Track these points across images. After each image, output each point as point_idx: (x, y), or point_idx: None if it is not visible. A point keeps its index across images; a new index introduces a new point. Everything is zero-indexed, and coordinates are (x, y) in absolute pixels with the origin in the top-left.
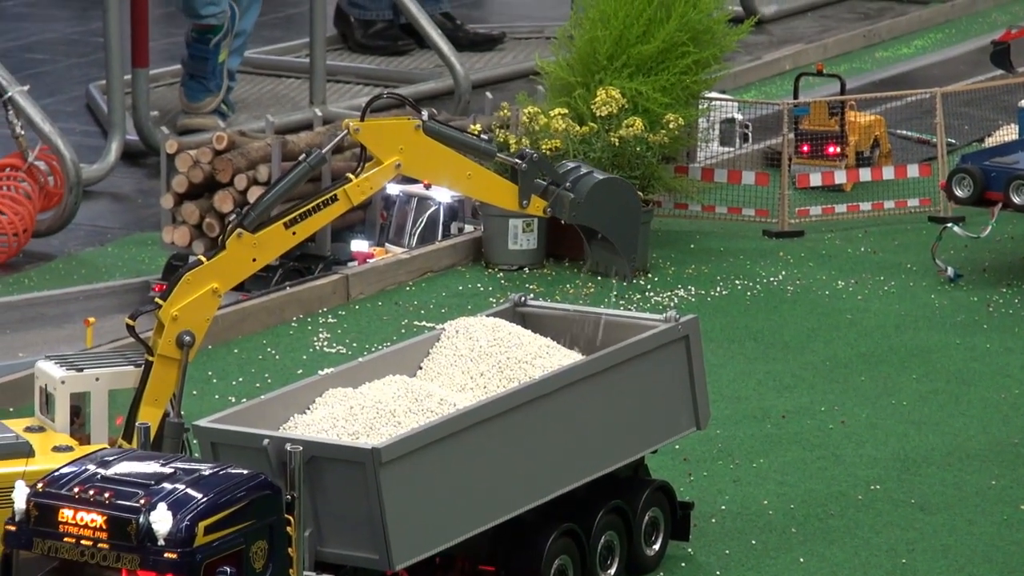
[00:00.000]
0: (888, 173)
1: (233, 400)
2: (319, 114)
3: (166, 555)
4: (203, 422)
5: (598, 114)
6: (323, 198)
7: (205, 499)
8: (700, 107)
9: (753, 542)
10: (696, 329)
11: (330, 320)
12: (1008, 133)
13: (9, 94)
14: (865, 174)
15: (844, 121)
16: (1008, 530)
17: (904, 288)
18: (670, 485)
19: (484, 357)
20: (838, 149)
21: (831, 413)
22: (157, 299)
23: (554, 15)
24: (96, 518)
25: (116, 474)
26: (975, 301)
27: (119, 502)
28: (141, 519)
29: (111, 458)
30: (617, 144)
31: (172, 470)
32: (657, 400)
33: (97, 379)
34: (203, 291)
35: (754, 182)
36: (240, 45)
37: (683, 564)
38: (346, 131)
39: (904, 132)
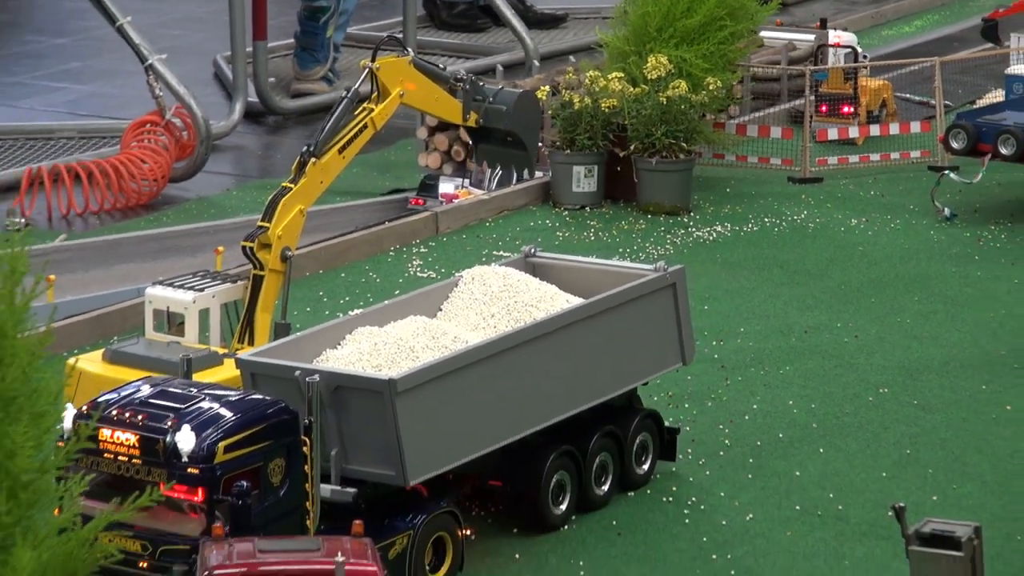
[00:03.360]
0: (894, 129)
1: (340, 315)
2: (537, 64)
3: (189, 470)
4: (244, 355)
5: (649, 77)
6: (358, 127)
7: (226, 422)
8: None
9: (780, 435)
10: (682, 277)
11: (422, 250)
12: (996, 96)
13: (150, 61)
14: (875, 130)
15: (857, 85)
16: (996, 427)
17: (907, 225)
18: (658, 413)
19: (495, 301)
20: (852, 109)
21: (846, 329)
22: (260, 223)
23: None
24: (130, 437)
25: (152, 399)
26: (968, 236)
27: (150, 424)
28: (168, 439)
29: (151, 385)
30: (665, 103)
31: (202, 396)
32: (647, 339)
33: (213, 296)
34: (294, 212)
35: (781, 136)
36: (344, 22)
37: (721, 453)
38: (368, 69)
39: (908, 95)
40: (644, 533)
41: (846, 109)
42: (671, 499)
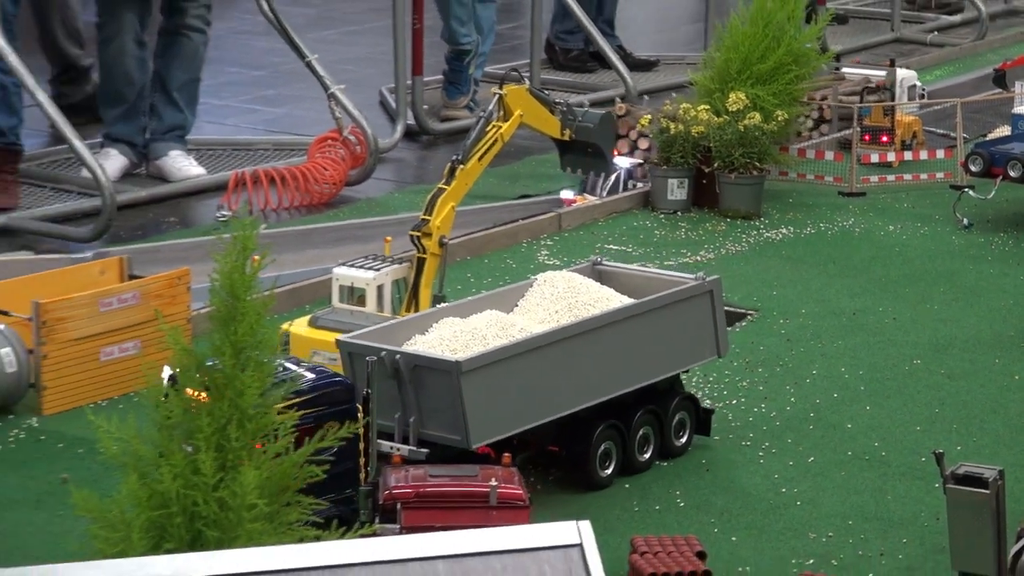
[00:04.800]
0: (923, 155)
1: (484, 292)
2: (647, 99)
3: None
4: (343, 337)
5: (730, 110)
6: (491, 141)
7: (282, 388)
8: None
9: (835, 395)
10: (719, 286)
11: (548, 243)
12: (1004, 130)
13: (332, 90)
14: (907, 155)
15: (894, 119)
16: (1008, 392)
17: (934, 232)
18: (695, 396)
19: (560, 300)
20: (889, 138)
21: (886, 312)
22: (423, 216)
23: (690, 48)
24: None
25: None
26: (982, 241)
27: None
28: None
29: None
30: (742, 130)
31: (275, 368)
32: (686, 335)
33: (387, 274)
34: (448, 208)
35: (833, 159)
36: (481, 62)
37: (788, 408)
38: (497, 95)
39: (933, 129)
40: (727, 470)
41: (884, 138)
42: (748, 443)
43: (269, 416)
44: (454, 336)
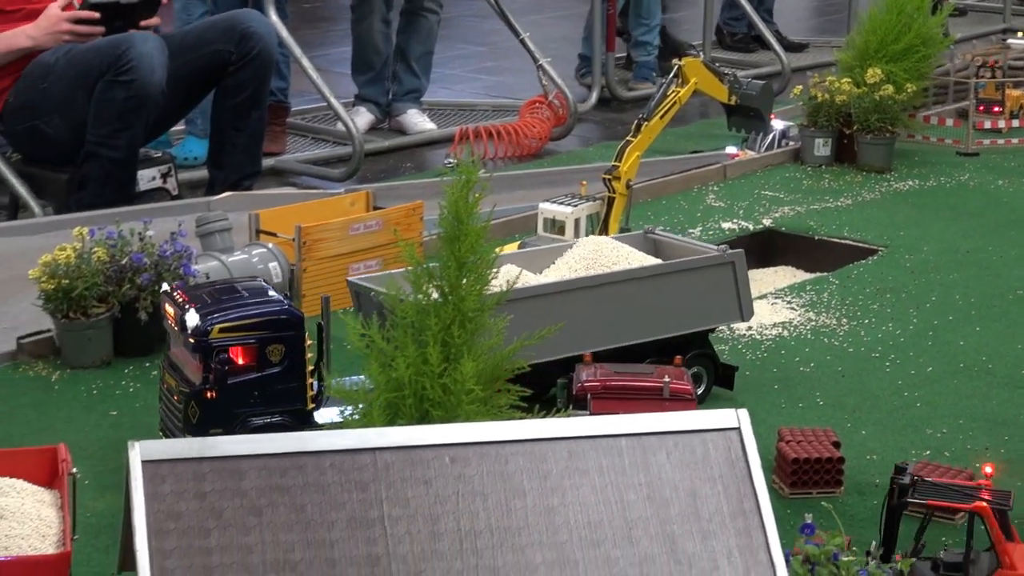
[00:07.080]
0: None
1: (660, 228)
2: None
3: (190, 340)
4: (350, 278)
5: (868, 82)
6: (671, 103)
7: (228, 312)
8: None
9: (950, 318)
10: (741, 258)
11: (715, 189)
12: None
13: (540, 63)
14: (1015, 123)
15: (1004, 93)
16: None
17: None
18: (715, 354)
19: (582, 260)
20: (1000, 109)
21: (994, 251)
22: (613, 163)
23: (835, 33)
24: (172, 311)
25: (204, 289)
26: None
27: (182, 304)
28: (184, 316)
29: (217, 283)
30: (878, 99)
31: (239, 294)
32: (708, 299)
33: (583, 210)
34: (634, 157)
35: (952, 125)
36: (654, 46)
37: (910, 327)
38: (677, 66)
39: None
40: (858, 376)
41: (996, 109)
42: (877, 355)
43: (484, 317)
44: None
